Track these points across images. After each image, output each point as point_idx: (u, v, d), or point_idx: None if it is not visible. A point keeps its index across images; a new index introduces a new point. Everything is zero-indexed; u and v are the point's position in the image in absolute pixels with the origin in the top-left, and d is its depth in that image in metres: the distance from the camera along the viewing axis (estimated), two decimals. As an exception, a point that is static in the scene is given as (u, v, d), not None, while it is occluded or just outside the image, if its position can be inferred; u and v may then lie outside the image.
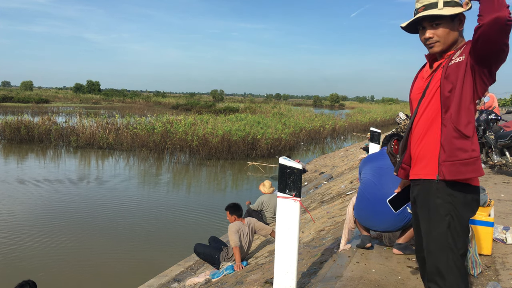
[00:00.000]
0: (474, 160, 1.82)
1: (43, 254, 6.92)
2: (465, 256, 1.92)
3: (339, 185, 8.90)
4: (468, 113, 1.82)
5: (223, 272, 4.79)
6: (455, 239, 1.84)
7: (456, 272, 1.84)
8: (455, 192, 1.84)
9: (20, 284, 3.69)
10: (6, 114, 30.04)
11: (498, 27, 1.58)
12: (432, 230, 1.89)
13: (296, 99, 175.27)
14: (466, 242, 1.91)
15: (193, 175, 14.35)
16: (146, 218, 8.98)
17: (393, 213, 3.32)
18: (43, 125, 19.43)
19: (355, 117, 36.93)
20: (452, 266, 1.84)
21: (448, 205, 1.84)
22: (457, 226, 1.84)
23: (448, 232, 1.84)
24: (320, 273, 3.27)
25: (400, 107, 61.33)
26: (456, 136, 1.82)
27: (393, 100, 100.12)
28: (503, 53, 1.68)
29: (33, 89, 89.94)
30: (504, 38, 1.62)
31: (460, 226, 1.84)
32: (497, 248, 3.49)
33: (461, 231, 1.85)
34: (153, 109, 46.07)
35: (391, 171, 3.39)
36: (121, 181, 12.62)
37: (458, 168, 1.81)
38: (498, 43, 1.63)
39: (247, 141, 17.51)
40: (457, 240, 1.84)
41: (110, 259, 6.82)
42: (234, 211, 5.19)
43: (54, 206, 9.58)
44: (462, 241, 1.86)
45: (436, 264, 1.88)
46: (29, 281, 3.74)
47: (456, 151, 1.82)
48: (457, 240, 1.84)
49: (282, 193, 2.84)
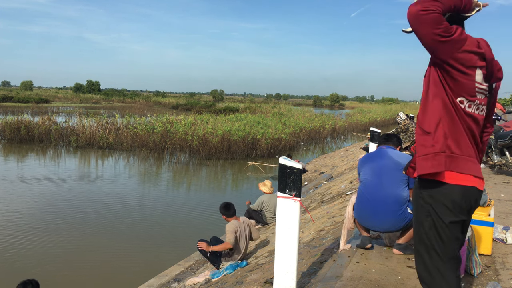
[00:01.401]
0: (433, 155, 1.78)
1: (42, 253, 6.91)
2: (454, 259, 1.85)
3: (339, 185, 8.90)
4: (432, 110, 1.80)
5: (223, 272, 4.79)
6: (435, 240, 1.81)
7: (438, 276, 1.81)
8: (429, 190, 1.82)
9: (23, 283, 3.68)
10: (6, 114, 30.03)
11: (413, 20, 1.64)
12: (415, 228, 1.93)
13: (296, 99, 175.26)
14: (454, 247, 1.82)
15: (193, 175, 14.36)
16: (146, 218, 8.98)
17: (393, 214, 3.32)
18: (43, 125, 19.43)
19: (355, 117, 36.93)
20: (434, 269, 1.82)
21: (427, 205, 1.83)
22: (437, 227, 1.80)
23: (428, 232, 1.83)
24: (320, 273, 3.27)
25: (400, 107, 61.34)
26: (420, 133, 1.85)
27: (393, 100, 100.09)
28: (441, 43, 1.66)
29: (33, 89, 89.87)
30: (428, 28, 1.63)
31: (441, 228, 1.79)
32: (497, 248, 3.49)
33: (443, 234, 1.79)
34: (153, 109, 46.06)
35: (391, 171, 3.39)
36: (121, 181, 12.62)
37: (420, 164, 1.81)
38: (427, 35, 1.65)
39: (247, 141, 17.51)
40: (439, 242, 1.80)
41: (110, 259, 6.82)
42: (225, 211, 5.22)
43: (53, 205, 9.57)
44: (446, 245, 1.80)
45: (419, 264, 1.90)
46: (32, 280, 3.73)
47: (420, 147, 1.84)
48: (439, 242, 1.80)
49: (282, 193, 2.84)
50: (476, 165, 1.85)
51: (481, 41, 1.77)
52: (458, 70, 1.72)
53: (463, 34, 1.71)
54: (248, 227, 5.25)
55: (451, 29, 1.66)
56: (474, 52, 1.72)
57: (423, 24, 1.63)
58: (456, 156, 1.78)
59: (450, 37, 1.65)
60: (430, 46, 1.69)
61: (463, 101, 1.77)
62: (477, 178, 1.82)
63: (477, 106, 1.80)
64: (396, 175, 3.35)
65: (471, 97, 1.77)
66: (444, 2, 1.64)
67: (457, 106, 1.78)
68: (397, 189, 3.33)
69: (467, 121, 1.80)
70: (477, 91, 1.77)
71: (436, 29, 1.63)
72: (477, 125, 1.84)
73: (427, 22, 1.62)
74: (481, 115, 1.84)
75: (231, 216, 5.21)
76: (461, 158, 1.79)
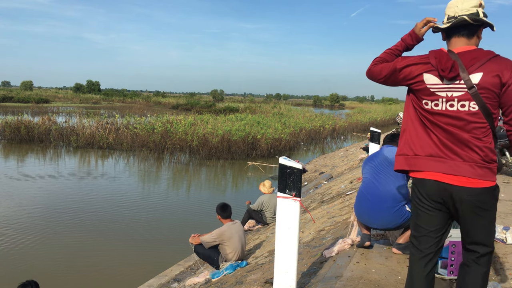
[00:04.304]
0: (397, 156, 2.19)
1: (42, 253, 6.92)
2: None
3: (339, 185, 8.90)
4: (403, 122, 2.20)
5: (223, 272, 4.79)
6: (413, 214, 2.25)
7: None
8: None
9: (22, 284, 3.68)
10: (6, 114, 30.03)
11: (366, 75, 2.31)
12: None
13: (296, 99, 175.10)
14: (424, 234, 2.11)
15: (193, 175, 14.35)
16: (146, 218, 8.98)
17: (388, 210, 3.36)
18: (43, 125, 19.42)
19: (355, 117, 36.95)
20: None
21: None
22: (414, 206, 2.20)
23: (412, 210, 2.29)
24: (320, 273, 3.27)
25: (400, 107, 61.28)
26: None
27: (393, 100, 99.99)
28: (385, 82, 2.21)
29: (33, 89, 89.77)
30: (373, 79, 2.27)
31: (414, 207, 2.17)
32: (497, 248, 3.49)
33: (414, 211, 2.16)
34: (153, 109, 46.07)
35: (385, 168, 3.45)
36: (121, 181, 12.62)
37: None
38: (375, 81, 2.27)
39: (247, 141, 17.51)
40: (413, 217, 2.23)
41: (110, 259, 6.82)
42: (221, 211, 5.22)
43: (53, 206, 9.57)
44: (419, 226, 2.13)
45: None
46: (31, 282, 3.72)
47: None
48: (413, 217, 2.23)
49: (282, 193, 2.84)
50: (442, 163, 1.99)
51: (431, 53, 2.04)
52: (408, 81, 2.09)
53: (399, 62, 2.11)
54: (242, 230, 5.25)
55: (388, 68, 2.14)
56: (414, 64, 2.05)
57: (370, 77, 2.27)
58: (417, 157, 2.08)
59: (384, 77, 2.16)
60: (382, 84, 2.23)
61: (427, 102, 2.03)
62: (441, 174, 1.98)
63: (449, 103, 1.96)
64: (391, 172, 3.40)
65: (432, 97, 2.01)
66: (378, 61, 2.23)
67: (423, 108, 2.05)
68: (393, 185, 3.37)
69: (441, 120, 1.99)
70: (435, 90, 1.99)
71: (377, 79, 2.22)
72: (459, 121, 1.95)
73: (371, 76, 2.26)
74: (464, 111, 1.94)
75: (226, 218, 5.21)
76: (422, 158, 2.06)
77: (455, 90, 1.95)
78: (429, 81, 2.01)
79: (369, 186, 3.50)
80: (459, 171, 1.95)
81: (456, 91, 1.95)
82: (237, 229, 5.13)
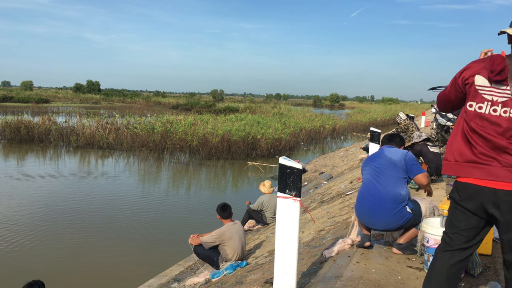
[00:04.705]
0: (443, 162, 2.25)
1: (42, 252, 6.92)
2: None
3: (339, 185, 8.90)
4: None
5: (223, 272, 4.78)
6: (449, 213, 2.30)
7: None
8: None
9: (29, 284, 3.67)
10: (6, 114, 30.04)
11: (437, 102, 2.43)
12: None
13: (296, 99, 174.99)
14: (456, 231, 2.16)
15: (193, 175, 14.36)
16: (146, 217, 8.98)
17: (389, 211, 3.36)
18: (43, 125, 19.43)
19: (355, 117, 36.95)
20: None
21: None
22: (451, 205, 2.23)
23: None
24: (320, 273, 3.27)
25: (400, 107, 61.39)
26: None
27: (393, 100, 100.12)
28: (455, 105, 2.27)
29: (33, 89, 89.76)
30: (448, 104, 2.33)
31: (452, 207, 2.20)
32: (497, 248, 3.49)
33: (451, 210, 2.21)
34: (153, 109, 46.07)
35: (386, 170, 3.44)
36: (121, 181, 12.62)
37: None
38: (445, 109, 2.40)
39: (247, 141, 17.51)
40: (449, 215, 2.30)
41: (110, 259, 6.82)
42: (221, 211, 5.22)
43: (53, 205, 9.57)
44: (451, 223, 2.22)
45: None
46: (38, 281, 3.72)
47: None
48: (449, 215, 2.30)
49: (282, 193, 2.84)
50: (480, 169, 1.99)
51: (491, 55, 2.04)
52: (464, 83, 2.09)
53: (457, 80, 2.12)
54: (242, 230, 5.25)
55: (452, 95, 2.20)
56: (469, 67, 2.06)
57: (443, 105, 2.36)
58: (457, 163, 2.10)
59: (452, 101, 2.23)
60: (458, 105, 2.25)
61: (472, 104, 2.04)
62: (479, 179, 1.99)
63: (493, 107, 1.96)
64: (392, 173, 3.40)
65: (477, 99, 2.01)
66: (440, 99, 2.35)
67: (467, 111, 2.06)
68: (394, 187, 3.37)
69: (481, 124, 1.99)
70: (482, 92, 2.00)
71: (444, 107, 2.36)
72: (498, 127, 1.96)
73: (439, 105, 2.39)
74: (505, 117, 1.95)
75: (226, 218, 5.21)
76: (461, 164, 2.08)
77: (500, 96, 1.95)
78: (478, 81, 2.01)
79: (370, 187, 3.49)
80: (497, 176, 1.96)
81: (501, 97, 1.95)
82: (237, 229, 5.13)
